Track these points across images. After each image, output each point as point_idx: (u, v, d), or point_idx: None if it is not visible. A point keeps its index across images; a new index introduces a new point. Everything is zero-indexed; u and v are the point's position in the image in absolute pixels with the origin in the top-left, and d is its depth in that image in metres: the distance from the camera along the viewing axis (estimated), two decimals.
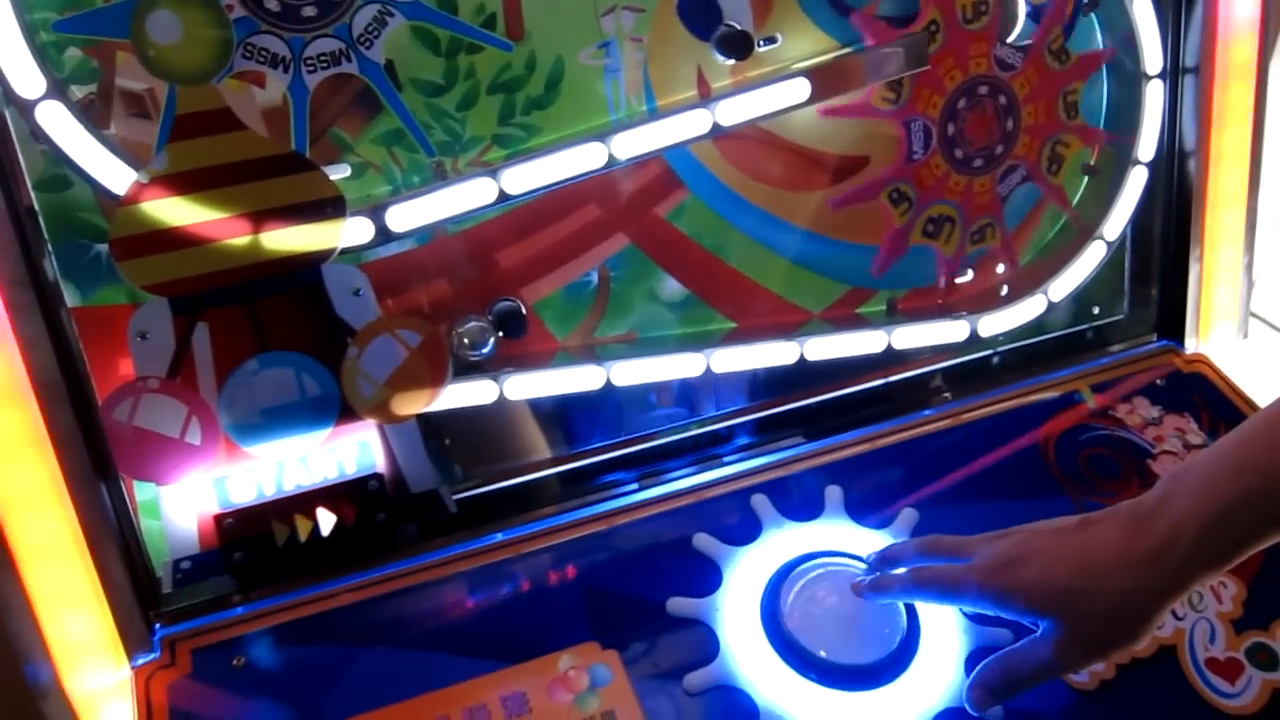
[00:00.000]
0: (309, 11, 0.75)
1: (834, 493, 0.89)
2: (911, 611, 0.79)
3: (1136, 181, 1.00)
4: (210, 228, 0.75)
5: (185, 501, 0.80)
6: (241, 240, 0.76)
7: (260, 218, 0.76)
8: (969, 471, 0.92)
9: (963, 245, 0.99)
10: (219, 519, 0.81)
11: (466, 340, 0.85)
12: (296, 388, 0.80)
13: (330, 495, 0.83)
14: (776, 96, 0.85)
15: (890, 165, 0.93)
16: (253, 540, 0.82)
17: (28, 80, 0.70)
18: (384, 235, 0.79)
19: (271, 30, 0.74)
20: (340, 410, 0.81)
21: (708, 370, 0.90)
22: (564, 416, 0.93)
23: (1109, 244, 1.00)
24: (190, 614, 0.81)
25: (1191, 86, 0.99)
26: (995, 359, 1.04)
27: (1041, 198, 1.01)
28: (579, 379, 0.87)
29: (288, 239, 0.77)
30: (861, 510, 0.88)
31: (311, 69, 0.76)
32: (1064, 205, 1.02)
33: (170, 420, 0.77)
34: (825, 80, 0.87)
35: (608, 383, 0.87)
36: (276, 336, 0.79)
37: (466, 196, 0.80)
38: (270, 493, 0.82)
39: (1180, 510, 0.65)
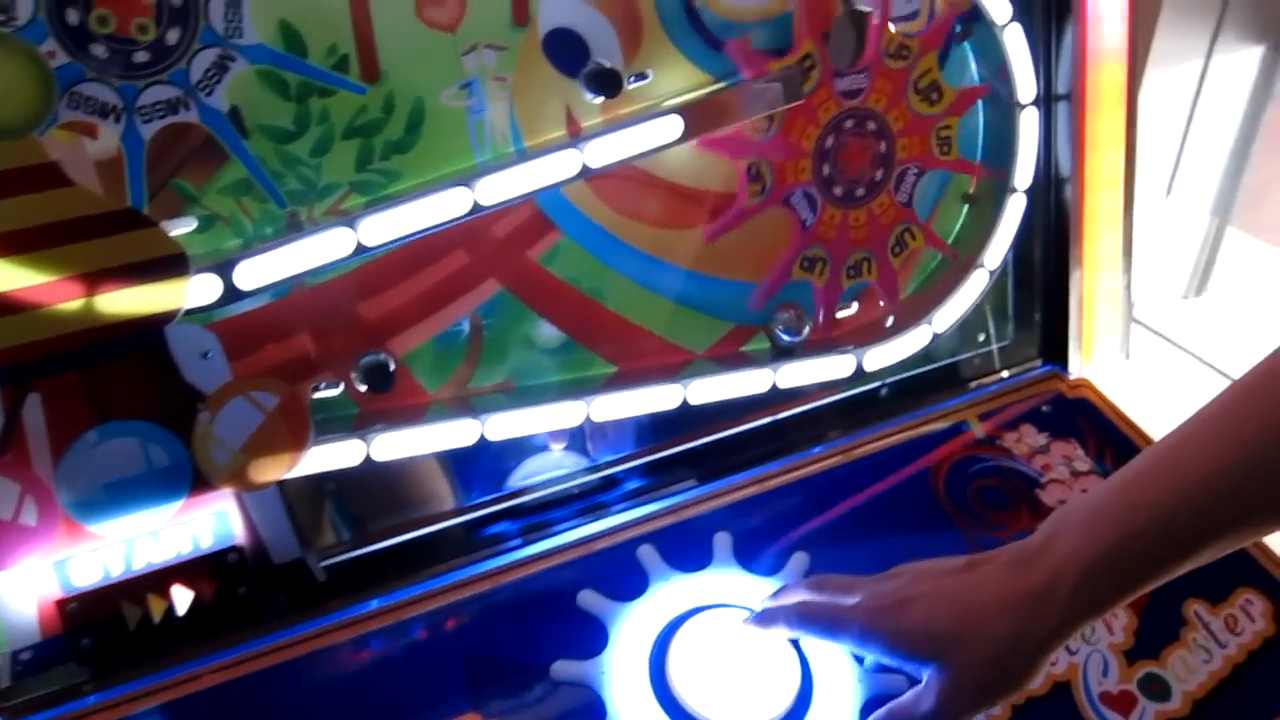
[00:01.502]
0: (141, 57, 0.70)
1: (723, 540, 0.86)
2: (805, 665, 0.77)
3: (1015, 209, 1.00)
4: (38, 292, 0.69)
5: (23, 587, 0.74)
6: (74, 304, 0.70)
7: (94, 279, 0.70)
8: (860, 511, 0.91)
9: (838, 281, 0.98)
10: (61, 604, 0.75)
11: (782, 325, 0.94)
12: (143, 458, 0.74)
13: (186, 571, 0.78)
14: (648, 135, 0.82)
15: (762, 199, 0.92)
16: (101, 624, 0.76)
17: None
18: (233, 293, 0.74)
19: (99, 78, 0.69)
20: (193, 480, 0.76)
21: (588, 419, 0.87)
22: (442, 469, 0.89)
23: (991, 273, 1.00)
24: (36, 707, 0.76)
25: (1065, 113, 0.99)
26: (884, 390, 1.03)
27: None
28: (452, 435, 0.83)
29: (126, 301, 0.71)
30: (752, 556, 0.85)
31: (146, 118, 0.71)
32: (891, 293, 1.01)
33: (2, 501, 0.71)
34: (699, 116, 0.84)
35: (482, 438, 0.84)
36: (118, 405, 0.73)
37: (321, 249, 0.76)
38: (118, 573, 0.76)
39: (1064, 550, 0.64)
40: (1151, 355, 1.68)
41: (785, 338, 0.96)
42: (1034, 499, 0.92)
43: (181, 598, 0.77)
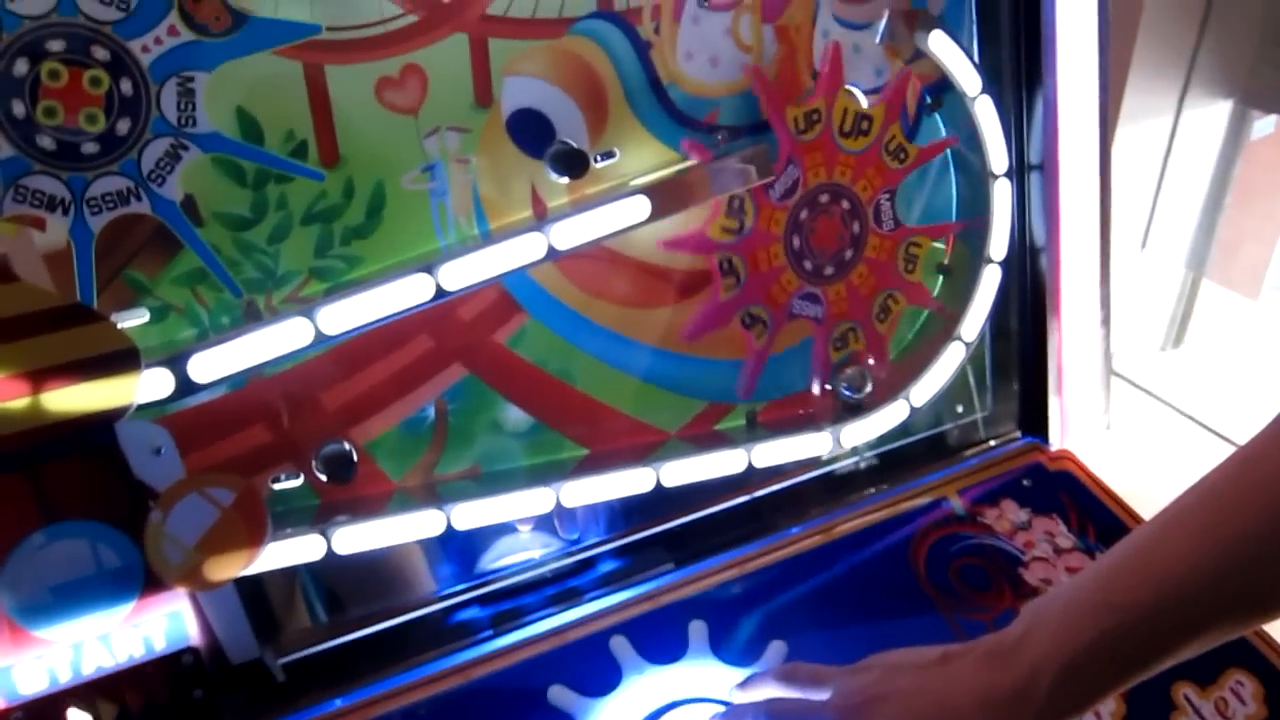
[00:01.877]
0: (90, 148, 0.68)
1: (698, 629, 0.83)
2: None
3: (990, 280, 0.99)
4: None
5: None
6: (18, 403, 0.67)
7: (39, 377, 0.67)
8: (840, 593, 0.88)
9: (875, 333, 0.97)
10: (5, 714, 0.71)
11: (845, 382, 0.95)
12: (92, 560, 0.71)
13: (138, 675, 0.74)
14: (614, 216, 0.81)
15: (738, 292, 0.91)
16: None
17: None
18: (187, 387, 0.72)
19: (47, 170, 0.67)
20: (145, 581, 0.73)
21: (558, 505, 0.85)
22: (409, 552, 0.87)
23: (967, 345, 0.98)
24: None
25: (1038, 184, 0.98)
26: (861, 464, 1.01)
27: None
28: (417, 526, 0.80)
29: (73, 398, 0.68)
30: (728, 645, 0.83)
31: (96, 210, 0.69)
32: (926, 302, 1.00)
33: None
34: (666, 197, 0.83)
35: (449, 527, 0.81)
36: (66, 505, 0.70)
37: (279, 340, 0.73)
38: (66, 679, 0.73)
39: (1041, 648, 0.62)
40: (1131, 407, 1.68)
41: (849, 394, 0.97)
42: (1016, 578, 0.90)
43: (133, 701, 0.74)
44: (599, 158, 0.82)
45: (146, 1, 0.67)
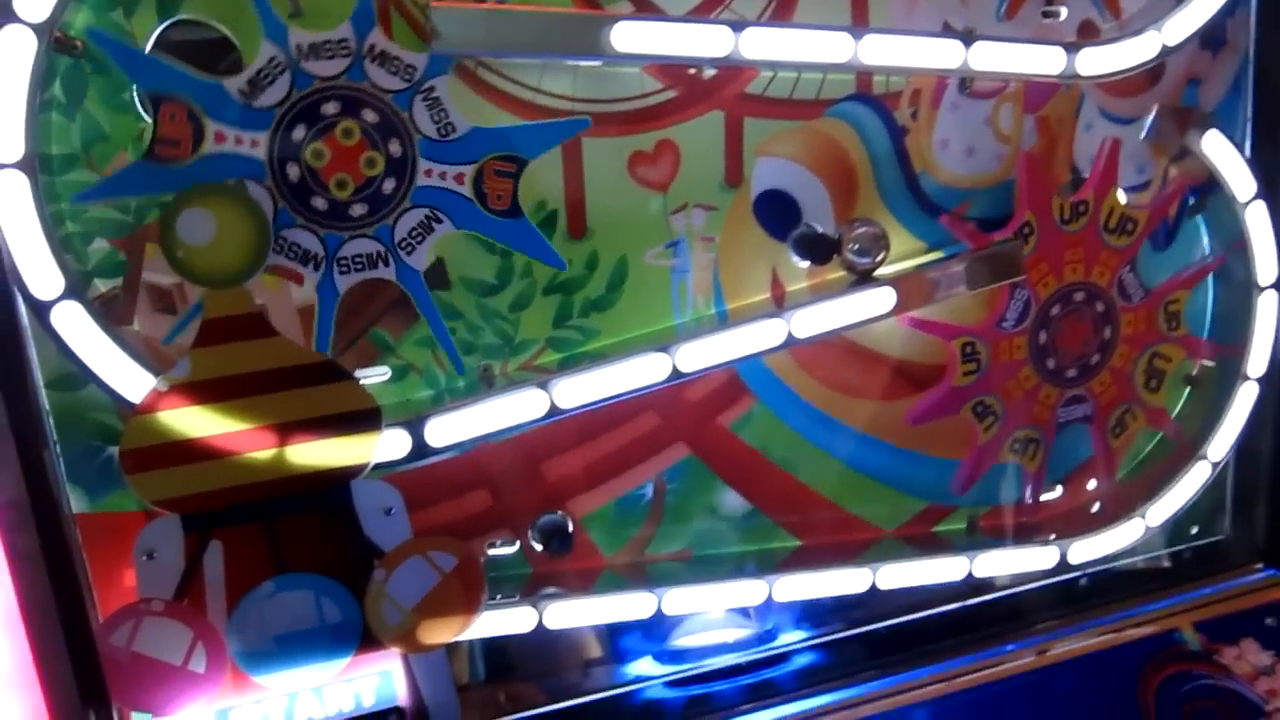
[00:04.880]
0: (358, 210, 0.69)
1: None
2: None
3: (1245, 398, 0.91)
4: (232, 440, 0.68)
5: None
6: (266, 454, 0.69)
7: (288, 431, 0.69)
8: None
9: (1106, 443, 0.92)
10: None
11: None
12: (315, 613, 0.72)
13: None
14: (858, 307, 0.78)
15: (975, 379, 0.86)
16: None
17: (45, 280, 0.64)
18: (422, 450, 0.72)
19: (306, 225, 0.68)
20: (362, 638, 0.73)
21: (770, 597, 0.82)
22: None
23: (1214, 465, 0.91)
24: None
25: None
26: (1084, 580, 0.94)
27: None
28: (629, 606, 0.78)
29: (317, 454, 0.69)
30: None
31: (345, 270, 0.70)
32: (1164, 425, 0.94)
33: (173, 646, 0.69)
34: (911, 291, 0.79)
35: (659, 610, 0.79)
36: (297, 557, 0.71)
37: (513, 410, 0.73)
38: None
39: None
40: None
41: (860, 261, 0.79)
42: None
43: None
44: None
45: (427, 73, 0.68)
